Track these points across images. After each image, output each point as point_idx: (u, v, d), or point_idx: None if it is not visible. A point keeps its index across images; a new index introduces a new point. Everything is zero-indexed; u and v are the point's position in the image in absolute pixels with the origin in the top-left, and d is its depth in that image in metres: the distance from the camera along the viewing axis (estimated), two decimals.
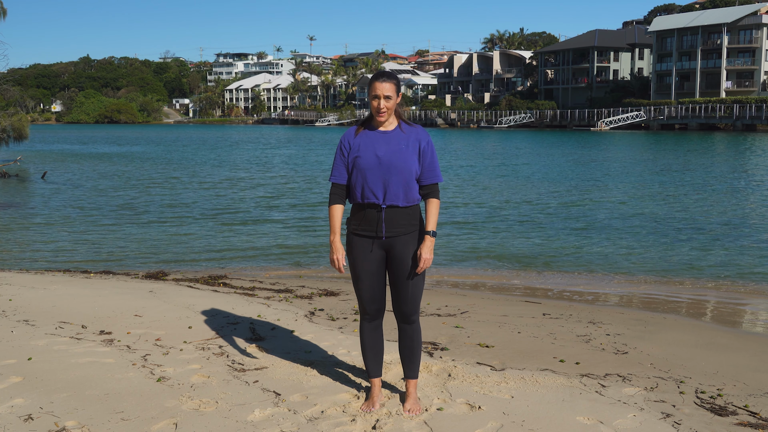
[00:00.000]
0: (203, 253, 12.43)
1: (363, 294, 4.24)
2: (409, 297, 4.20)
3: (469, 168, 32.13)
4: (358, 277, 4.22)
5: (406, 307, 4.23)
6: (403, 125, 4.20)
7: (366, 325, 4.35)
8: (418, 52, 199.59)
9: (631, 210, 17.73)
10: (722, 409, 4.50)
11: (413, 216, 4.18)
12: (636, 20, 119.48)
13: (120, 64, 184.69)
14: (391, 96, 4.08)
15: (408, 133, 4.17)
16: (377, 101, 4.08)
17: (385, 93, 4.06)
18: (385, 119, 4.14)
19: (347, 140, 4.20)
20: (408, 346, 4.32)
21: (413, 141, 4.15)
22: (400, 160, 4.08)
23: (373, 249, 4.17)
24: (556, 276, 10.44)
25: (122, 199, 21.19)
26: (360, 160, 4.11)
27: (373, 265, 4.19)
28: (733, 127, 72.00)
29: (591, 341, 6.22)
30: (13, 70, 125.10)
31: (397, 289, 4.23)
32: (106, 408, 4.27)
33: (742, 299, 8.96)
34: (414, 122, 4.44)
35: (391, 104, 4.10)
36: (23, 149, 37.94)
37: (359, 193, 4.15)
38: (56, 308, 6.85)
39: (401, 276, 4.18)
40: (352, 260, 4.23)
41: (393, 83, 4.09)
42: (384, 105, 4.08)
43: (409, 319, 4.26)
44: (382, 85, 4.06)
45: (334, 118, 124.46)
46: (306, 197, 21.67)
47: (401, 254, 4.15)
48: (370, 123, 4.22)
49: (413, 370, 4.36)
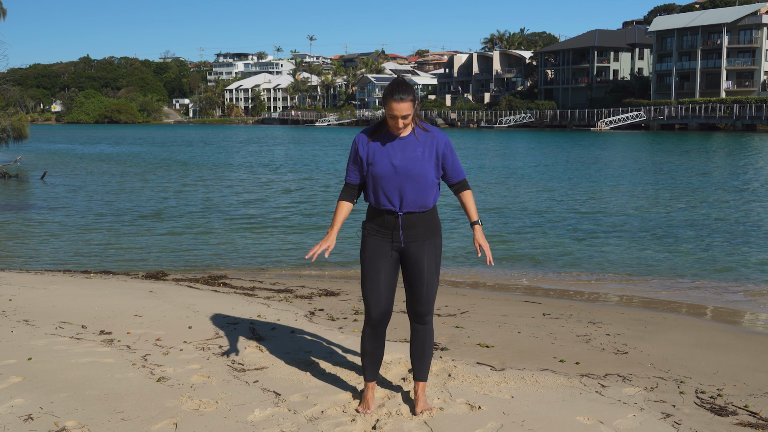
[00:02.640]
0: (203, 253, 12.44)
1: (369, 296, 4.12)
2: (423, 297, 4.13)
3: (469, 168, 32.12)
4: (367, 277, 4.12)
5: (421, 308, 4.15)
6: (418, 130, 4.05)
7: (368, 331, 4.23)
8: (418, 52, 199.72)
9: (631, 210, 17.73)
10: (722, 409, 4.49)
11: (431, 220, 4.11)
12: (636, 20, 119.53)
13: (120, 64, 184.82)
14: (409, 114, 3.92)
15: (424, 139, 4.04)
16: (395, 121, 3.93)
17: (403, 113, 3.90)
18: (404, 134, 4.04)
19: (361, 144, 4.08)
20: (419, 347, 4.24)
21: (429, 147, 4.03)
22: (416, 168, 3.98)
23: (387, 252, 4.10)
24: (556, 276, 10.44)
25: (122, 199, 21.19)
26: (375, 168, 4.00)
27: (385, 267, 4.10)
28: (733, 127, 72.01)
29: (591, 341, 6.22)
30: (13, 70, 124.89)
31: (412, 289, 4.14)
32: (106, 408, 4.26)
33: (742, 299, 8.96)
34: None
35: (409, 120, 3.96)
36: (23, 149, 37.92)
37: (374, 199, 4.07)
38: (56, 308, 6.85)
39: (418, 276, 4.09)
40: (364, 260, 4.13)
41: (410, 101, 3.90)
42: (402, 123, 3.94)
43: (423, 319, 4.19)
44: (400, 106, 3.88)
45: (334, 118, 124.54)
46: (308, 197, 21.68)
47: (417, 255, 4.08)
48: (386, 127, 4.07)
49: (423, 372, 4.29)
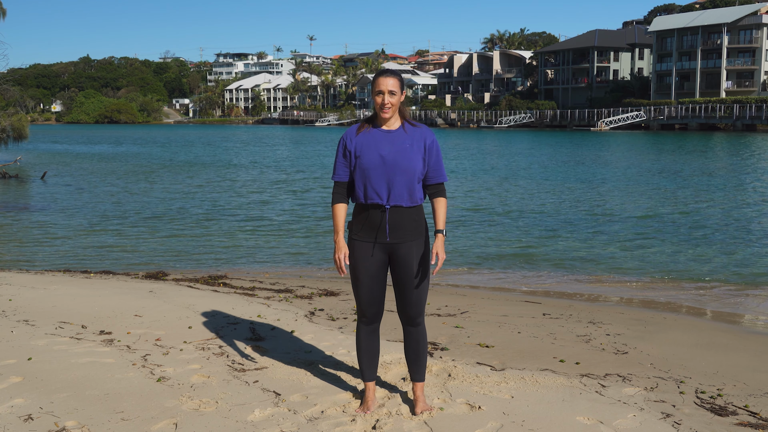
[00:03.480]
0: (203, 253, 12.43)
1: (362, 297, 4.15)
2: (414, 300, 4.13)
3: (469, 167, 32.13)
4: (358, 280, 4.13)
5: (411, 310, 4.16)
6: (406, 125, 4.11)
7: (363, 328, 4.25)
8: (418, 52, 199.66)
9: (631, 210, 17.72)
10: (722, 409, 4.49)
11: (418, 218, 4.10)
12: (636, 20, 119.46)
13: (120, 64, 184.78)
14: (396, 92, 3.99)
15: (412, 133, 4.08)
16: (381, 96, 3.99)
17: (390, 88, 3.97)
18: (390, 116, 4.04)
19: (349, 138, 4.10)
20: (414, 349, 4.24)
21: (418, 140, 4.06)
22: (404, 159, 4.00)
23: (374, 253, 4.08)
24: (556, 276, 10.44)
25: (122, 199, 21.18)
26: (363, 159, 4.02)
27: (374, 268, 4.10)
28: (733, 127, 71.99)
29: (591, 341, 6.22)
30: (13, 70, 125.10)
31: (402, 292, 4.14)
32: (106, 408, 4.26)
33: (742, 299, 8.96)
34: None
35: (396, 100, 4.01)
36: (23, 149, 37.92)
37: (362, 193, 4.06)
38: (56, 308, 6.85)
39: (407, 279, 4.09)
40: (353, 262, 4.13)
41: (397, 79, 4.02)
42: (389, 100, 3.98)
43: (415, 321, 4.19)
44: (387, 81, 3.98)
45: (334, 118, 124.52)
46: (307, 196, 21.67)
47: (405, 257, 4.07)
48: (374, 121, 4.12)
49: (420, 373, 4.29)
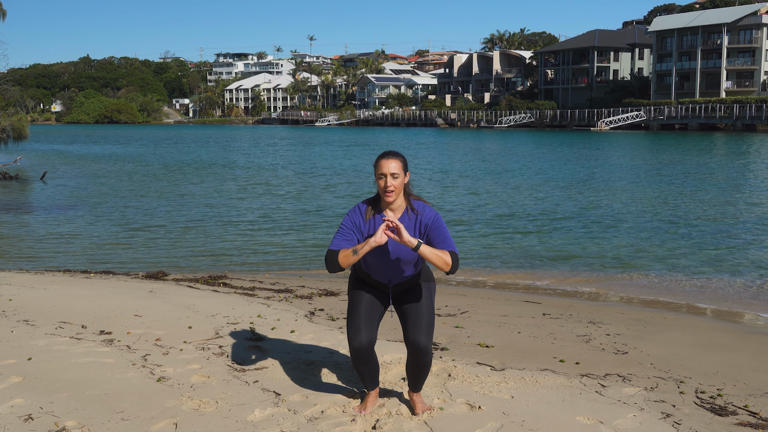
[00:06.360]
0: (203, 254, 12.44)
1: (351, 323, 4.11)
2: (424, 327, 4.11)
3: (469, 167, 32.13)
4: (354, 309, 4.16)
5: (420, 337, 4.09)
6: (409, 210, 4.07)
7: (355, 355, 4.13)
8: (418, 52, 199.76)
9: (631, 210, 17.73)
10: (722, 409, 4.50)
11: (423, 275, 4.26)
12: (636, 20, 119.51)
13: (120, 64, 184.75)
14: (398, 174, 3.94)
15: (414, 220, 4.05)
16: (384, 180, 3.94)
17: (392, 171, 3.92)
18: (393, 199, 3.99)
19: (355, 222, 4.06)
20: (417, 374, 4.24)
21: (419, 228, 4.03)
22: (408, 254, 4.05)
23: (377, 296, 4.22)
24: (556, 276, 10.44)
25: (122, 200, 21.19)
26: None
27: (373, 305, 4.20)
28: (733, 127, 72.01)
29: (591, 341, 6.22)
30: (13, 70, 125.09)
31: (410, 323, 4.14)
32: (106, 408, 4.26)
33: (743, 299, 8.96)
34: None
35: (399, 183, 3.96)
36: (23, 149, 37.91)
37: (365, 268, 4.20)
38: (56, 308, 6.85)
39: (415, 313, 4.14)
40: (353, 293, 4.23)
41: (399, 161, 3.96)
42: (391, 183, 3.93)
43: (425, 350, 4.11)
44: (389, 163, 3.93)
45: (334, 118, 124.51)
46: (307, 196, 21.68)
47: (412, 297, 4.19)
48: (378, 205, 4.08)
49: (418, 386, 4.32)
